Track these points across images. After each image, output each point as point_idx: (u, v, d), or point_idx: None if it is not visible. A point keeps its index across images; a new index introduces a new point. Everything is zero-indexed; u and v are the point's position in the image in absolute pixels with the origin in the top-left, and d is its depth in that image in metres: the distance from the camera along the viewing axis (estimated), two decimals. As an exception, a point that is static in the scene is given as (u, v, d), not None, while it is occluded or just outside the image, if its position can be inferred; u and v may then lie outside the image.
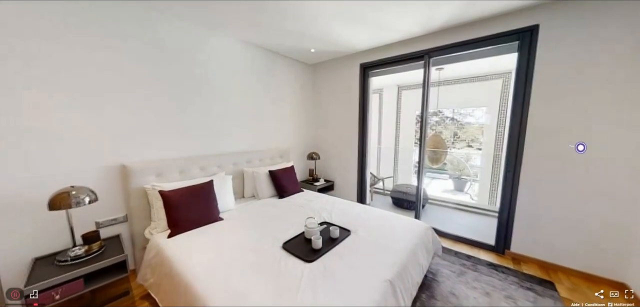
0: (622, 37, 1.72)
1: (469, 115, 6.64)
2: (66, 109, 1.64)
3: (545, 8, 1.96)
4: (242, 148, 2.84)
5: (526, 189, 2.19)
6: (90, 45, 1.71)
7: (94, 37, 1.72)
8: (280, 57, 3.23)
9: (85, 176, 1.73)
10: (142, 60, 1.97)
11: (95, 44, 1.72)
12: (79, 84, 1.68)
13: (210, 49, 2.44)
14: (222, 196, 2.20)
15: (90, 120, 1.74)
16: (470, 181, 5.70)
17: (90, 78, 1.72)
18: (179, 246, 1.60)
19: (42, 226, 1.59)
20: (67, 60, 1.62)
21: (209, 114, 2.49)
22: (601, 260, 1.94)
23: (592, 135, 1.88)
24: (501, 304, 1.69)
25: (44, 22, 1.52)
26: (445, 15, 2.17)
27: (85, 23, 1.67)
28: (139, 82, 1.96)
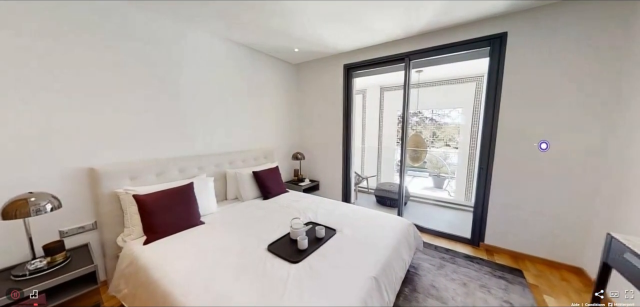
0: (577, 47, 1.91)
1: (446, 116, 6.99)
2: (23, 107, 1.48)
3: (513, 17, 2.12)
4: (224, 149, 2.76)
5: (498, 185, 2.35)
6: (49, 35, 1.56)
7: (55, 28, 1.57)
8: (263, 56, 3.17)
9: (47, 181, 1.58)
10: (114, 55, 1.84)
11: (55, 33, 1.57)
12: (40, 80, 1.53)
13: (188, 44, 2.34)
14: (203, 199, 2.12)
15: (54, 120, 1.59)
16: (448, 178, 6.00)
17: (55, 73, 1.57)
18: (156, 252, 1.52)
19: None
20: (26, 52, 1.47)
21: (189, 113, 2.38)
22: (561, 248, 2.14)
23: (553, 136, 2.07)
24: (477, 293, 1.80)
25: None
26: (424, 20, 2.27)
27: (45, 13, 1.53)
28: (110, 80, 1.83)
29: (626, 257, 1.02)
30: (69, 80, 1.64)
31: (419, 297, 1.74)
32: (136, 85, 1.98)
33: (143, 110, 2.04)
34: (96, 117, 1.77)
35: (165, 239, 1.66)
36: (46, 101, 1.56)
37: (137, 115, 2.00)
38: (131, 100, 1.96)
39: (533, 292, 1.83)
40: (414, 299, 1.73)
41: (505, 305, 1.68)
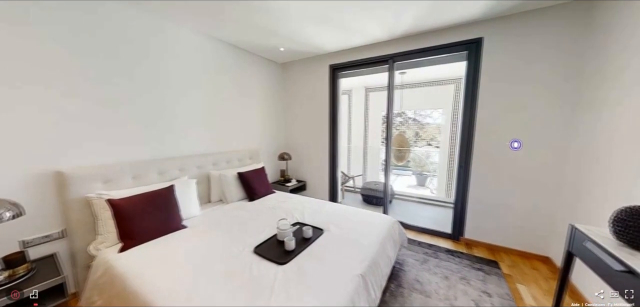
0: (544, 53, 2.07)
1: (428, 116, 7.26)
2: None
3: (488, 24, 2.25)
4: (207, 149, 2.66)
5: (476, 182, 2.49)
6: (11, 27, 1.42)
7: (19, 20, 1.43)
8: (248, 54, 3.11)
9: (4, 187, 1.43)
10: (82, 48, 1.71)
11: (20, 21, 1.43)
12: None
13: (169, 41, 2.24)
14: (185, 202, 2.03)
15: (11, 119, 1.45)
16: (431, 176, 6.24)
17: (10, 68, 1.43)
18: (133, 260, 1.43)
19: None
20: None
21: (169, 112, 2.28)
22: (531, 239, 2.30)
23: (525, 136, 2.22)
24: (458, 285, 1.89)
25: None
26: (406, 24, 2.34)
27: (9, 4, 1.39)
28: (77, 76, 1.70)
29: (586, 246, 1.12)
30: (27, 75, 1.50)
31: (404, 292, 1.79)
32: (108, 82, 1.86)
33: (117, 109, 1.91)
34: (62, 116, 1.64)
35: (143, 246, 1.57)
36: (9, 98, 1.42)
37: (111, 114, 1.88)
38: (103, 98, 1.83)
39: (507, 281, 1.95)
40: (400, 294, 1.78)
41: (483, 295, 1.78)
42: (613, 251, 0.99)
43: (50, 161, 1.60)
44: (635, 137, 1.40)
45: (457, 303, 1.69)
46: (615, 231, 1.04)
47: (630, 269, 0.89)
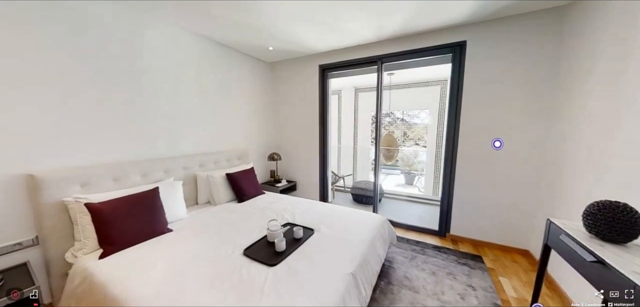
0: (521, 57, 2.18)
1: (415, 116, 7.44)
2: None
3: (471, 28, 2.34)
4: (194, 150, 2.59)
5: (461, 180, 2.58)
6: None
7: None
8: (236, 53, 3.05)
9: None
10: (63, 47, 1.61)
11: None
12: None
13: (152, 38, 2.16)
14: (170, 205, 1.97)
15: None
16: (418, 175, 6.40)
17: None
18: (114, 266, 1.36)
19: None
20: None
21: (153, 112, 2.19)
22: (512, 234, 2.42)
23: (506, 135, 2.33)
24: (444, 280, 1.95)
25: None
26: (394, 26, 2.39)
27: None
28: (51, 72, 1.59)
29: (562, 239, 1.19)
30: (16, 75, 1.40)
31: (394, 289, 1.83)
32: (88, 79, 1.76)
33: (97, 108, 1.82)
34: (34, 116, 1.53)
35: (126, 251, 1.51)
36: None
37: (89, 113, 1.78)
38: (82, 96, 1.74)
39: (491, 275, 2.04)
40: (389, 291, 1.81)
41: (468, 289, 1.85)
42: (585, 242, 1.06)
43: (23, 163, 1.49)
44: (598, 138, 1.51)
45: (444, 298, 1.75)
46: (586, 224, 1.12)
47: (600, 260, 0.96)
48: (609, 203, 1.07)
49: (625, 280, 0.83)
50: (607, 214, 1.05)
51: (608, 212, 1.05)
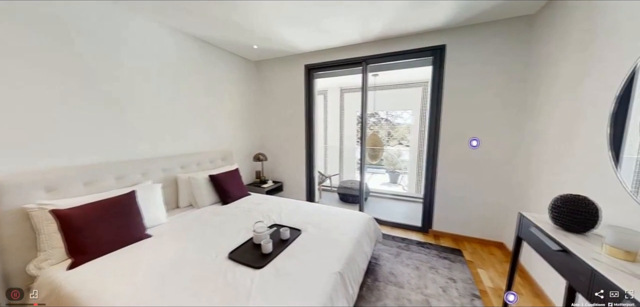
0: (495, 61, 2.32)
1: (399, 117, 7.66)
2: None
3: (449, 32, 2.45)
4: (175, 151, 2.48)
5: (442, 178, 2.69)
6: None
7: None
8: (219, 51, 2.96)
9: None
10: (27, 39, 1.47)
11: None
12: None
13: (129, 32, 2.03)
14: (149, 209, 1.87)
15: None
16: (402, 174, 6.59)
17: None
18: (86, 277, 1.27)
19: None
20: None
21: (130, 111, 2.07)
22: (488, 228, 2.57)
23: (482, 135, 2.47)
24: (427, 274, 2.03)
25: None
26: (378, 28, 2.45)
27: None
28: (19, 66, 1.45)
29: (531, 230, 1.29)
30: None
31: (380, 286, 1.87)
32: (56, 74, 1.62)
33: (65, 106, 1.68)
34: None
35: (99, 260, 1.41)
36: None
37: (58, 111, 1.64)
38: (47, 93, 1.60)
39: (469, 267, 2.15)
40: (376, 288, 1.85)
41: (449, 282, 1.93)
42: (551, 233, 1.15)
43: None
44: (563, 137, 1.65)
45: (427, 291, 1.82)
46: (552, 217, 1.21)
47: (564, 248, 1.04)
48: (571, 196, 1.17)
49: (585, 266, 0.92)
50: (569, 206, 1.15)
51: (570, 204, 1.15)
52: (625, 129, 1.13)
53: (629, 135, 1.11)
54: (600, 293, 0.84)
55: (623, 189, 1.10)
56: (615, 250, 0.94)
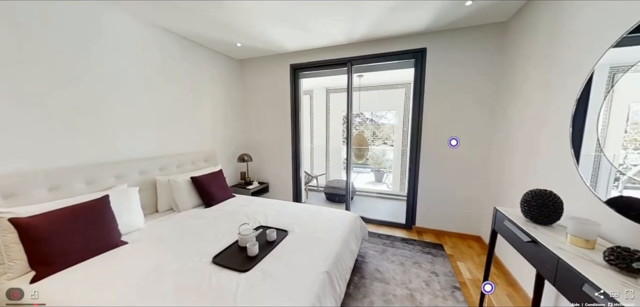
0: (472, 64, 2.46)
1: (383, 117, 7.84)
2: None
3: (430, 36, 2.56)
4: (152, 152, 2.35)
5: (424, 176, 2.80)
6: None
7: None
8: (201, 48, 2.86)
9: None
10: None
11: None
12: None
13: (103, 26, 1.90)
14: (124, 214, 1.76)
15: None
16: (387, 173, 6.76)
17: None
18: (51, 290, 1.17)
19: None
20: None
21: (102, 110, 1.94)
22: (467, 223, 2.71)
23: (461, 135, 2.59)
24: (411, 269, 2.10)
25: None
26: (362, 30, 2.50)
27: None
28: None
29: (505, 224, 1.38)
30: None
31: (366, 283, 1.90)
32: (19, 69, 1.48)
33: (28, 104, 1.54)
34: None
35: (66, 272, 1.30)
36: None
37: (18, 110, 1.50)
38: (6, 89, 1.45)
39: (450, 261, 2.25)
40: (362, 285, 1.88)
41: (432, 275, 2.01)
42: (522, 226, 1.24)
43: None
44: (531, 136, 1.78)
45: (411, 286, 1.88)
46: (523, 210, 1.31)
47: (533, 239, 1.13)
48: (539, 191, 1.26)
49: (551, 254, 1.00)
50: (538, 200, 1.24)
51: (539, 198, 1.24)
52: (584, 128, 1.24)
53: (586, 134, 1.23)
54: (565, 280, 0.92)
55: (583, 183, 1.21)
56: (576, 239, 1.03)
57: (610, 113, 1.12)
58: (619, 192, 1.08)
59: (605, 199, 1.09)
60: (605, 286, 0.77)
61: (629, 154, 1.07)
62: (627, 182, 1.06)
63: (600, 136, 1.14)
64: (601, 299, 0.76)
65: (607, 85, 1.14)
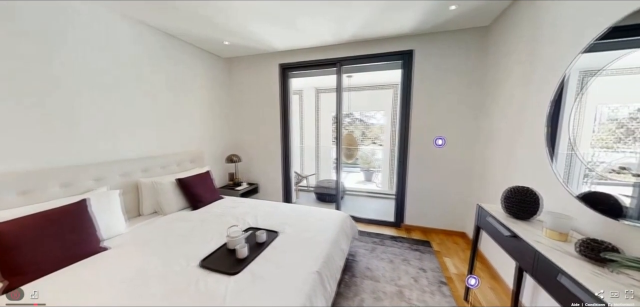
0: (456, 67, 2.55)
1: (372, 117, 7.95)
2: None
3: (417, 38, 2.63)
4: (135, 153, 2.26)
5: (412, 175, 2.87)
6: None
7: None
8: (187, 46, 2.78)
9: None
10: None
11: None
12: None
13: (78, 20, 1.80)
14: (104, 219, 1.68)
15: None
16: (376, 172, 6.86)
17: None
18: (25, 300, 1.10)
19: None
20: None
21: (79, 109, 1.84)
22: (452, 219, 2.80)
23: (447, 134, 2.68)
24: (400, 266, 2.14)
25: None
26: (351, 31, 2.53)
27: None
28: None
29: (488, 220, 1.44)
30: None
31: (357, 281, 1.93)
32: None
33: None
34: None
35: (41, 281, 1.22)
36: None
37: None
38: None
39: (437, 257, 2.32)
40: (353, 283, 1.90)
41: (420, 271, 2.07)
42: (503, 221, 1.30)
43: None
44: (512, 135, 1.87)
45: (400, 282, 1.92)
46: (504, 207, 1.37)
47: (514, 234, 1.19)
48: (519, 188, 1.33)
49: (530, 248, 1.06)
50: (518, 197, 1.31)
51: (518, 195, 1.31)
52: (558, 128, 1.32)
53: (561, 133, 1.31)
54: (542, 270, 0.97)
55: (557, 180, 1.29)
56: (552, 232, 1.10)
57: (580, 114, 1.20)
58: (589, 188, 1.16)
59: (576, 194, 1.17)
60: (577, 275, 0.82)
61: (596, 152, 1.15)
62: (596, 178, 1.14)
63: (572, 136, 1.22)
64: (575, 288, 0.81)
65: (578, 88, 1.22)
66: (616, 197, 1.02)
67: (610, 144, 1.10)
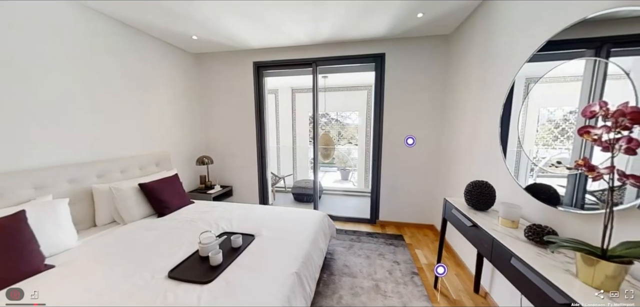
0: (424, 70, 2.73)
1: (348, 117, 8.13)
2: None
3: (388, 42, 2.76)
4: (87, 157, 2.02)
5: (385, 173, 3.00)
6: None
7: None
8: (150, 39, 2.56)
9: None
10: None
11: None
12: None
13: (20, 6, 1.54)
14: (48, 232, 1.47)
15: None
16: (352, 171, 7.03)
17: None
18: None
19: None
20: None
21: (16, 105, 1.57)
22: (422, 213, 3.00)
23: (416, 133, 2.86)
24: (376, 261, 2.23)
25: None
26: (325, 32, 2.56)
27: None
28: None
29: (453, 212, 1.58)
30: None
31: (335, 279, 1.96)
32: None
33: None
34: None
35: (-34, 311, 1.03)
36: None
37: None
38: None
39: (409, 249, 2.46)
40: (331, 281, 1.92)
41: (394, 265, 2.17)
42: (465, 212, 1.43)
43: None
44: (472, 134, 2.07)
45: (376, 276, 2.00)
46: (466, 199, 1.51)
47: (474, 224, 1.31)
48: (478, 182, 1.47)
49: (488, 235, 1.18)
50: (477, 190, 1.44)
51: (477, 188, 1.45)
52: (509, 128, 1.49)
53: (510, 133, 1.48)
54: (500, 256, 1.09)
55: (508, 174, 1.46)
56: (505, 221, 1.24)
57: (526, 116, 1.37)
58: (534, 180, 1.33)
59: (524, 186, 1.33)
60: (525, 257, 0.94)
61: (539, 149, 1.33)
62: (539, 171, 1.31)
63: (520, 135, 1.39)
64: (525, 269, 0.93)
65: (523, 93, 1.39)
66: (554, 188, 1.19)
67: (549, 141, 1.28)
